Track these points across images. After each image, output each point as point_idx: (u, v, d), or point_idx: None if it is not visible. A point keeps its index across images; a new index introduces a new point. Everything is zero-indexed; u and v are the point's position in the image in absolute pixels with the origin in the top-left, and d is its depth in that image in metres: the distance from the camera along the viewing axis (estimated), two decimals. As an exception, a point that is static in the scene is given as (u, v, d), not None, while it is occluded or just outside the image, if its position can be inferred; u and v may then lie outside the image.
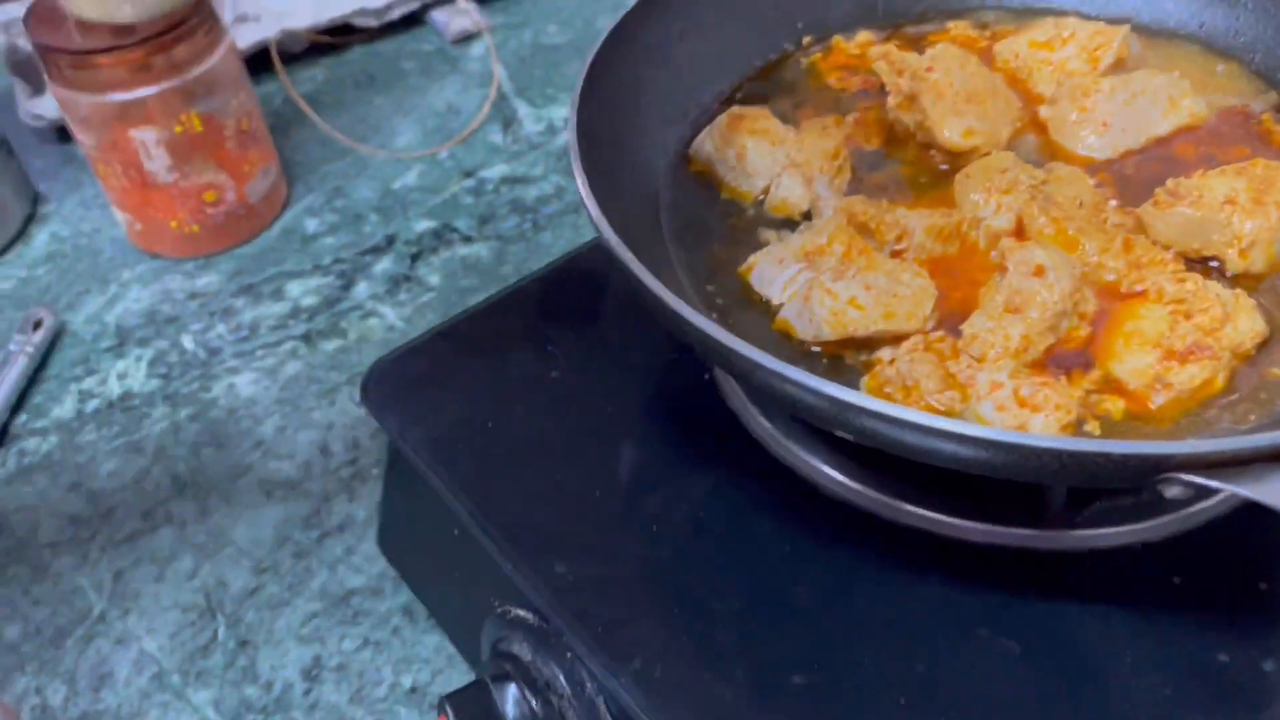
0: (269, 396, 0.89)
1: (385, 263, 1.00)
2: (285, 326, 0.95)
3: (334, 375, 0.91)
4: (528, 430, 0.65)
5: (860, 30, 0.77)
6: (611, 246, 0.52)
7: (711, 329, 0.48)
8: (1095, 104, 0.66)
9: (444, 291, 0.97)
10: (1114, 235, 0.59)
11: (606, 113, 0.64)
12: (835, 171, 0.65)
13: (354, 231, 1.03)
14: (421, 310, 0.96)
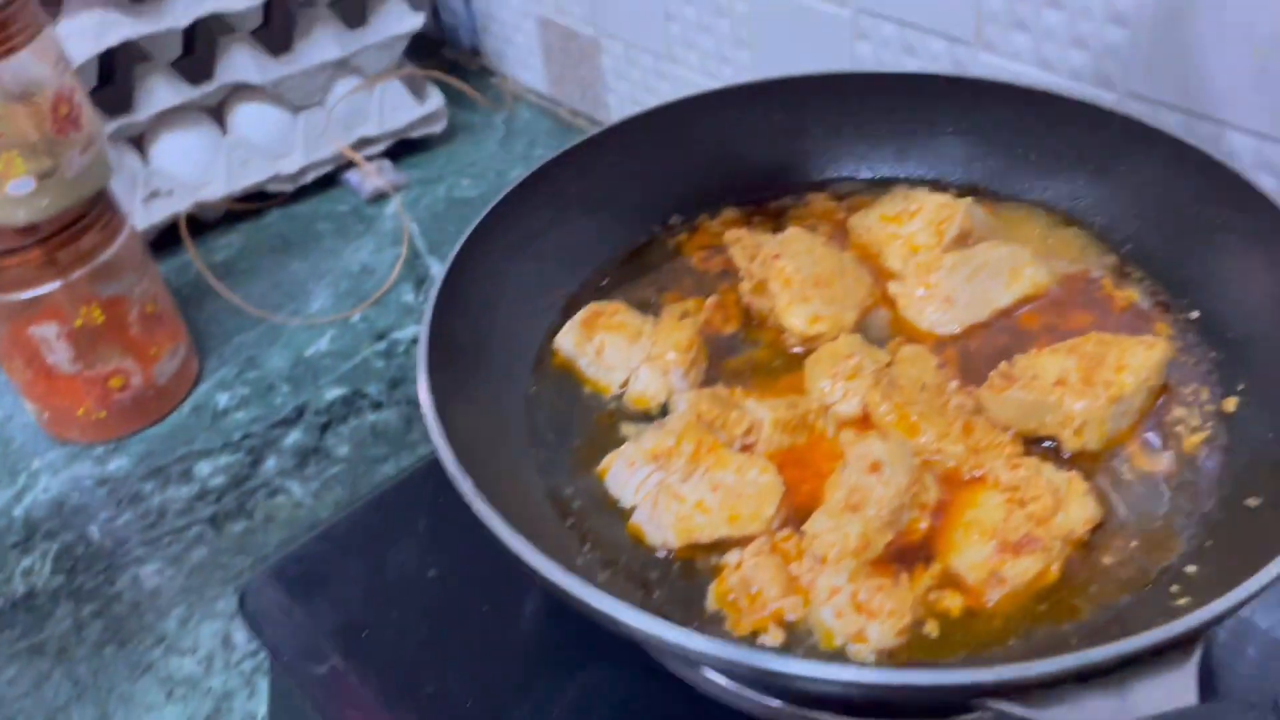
0: (174, 586, 0.89)
1: (295, 435, 1.01)
2: (192, 510, 0.95)
3: (239, 560, 0.91)
4: (404, 636, 0.65)
5: (726, 207, 0.80)
6: (451, 475, 0.53)
7: (538, 561, 0.49)
8: (939, 280, 0.68)
9: (352, 462, 0.98)
10: (954, 419, 0.61)
11: (469, 312, 0.66)
12: (690, 363, 0.66)
13: (265, 404, 1.04)
14: (329, 484, 0.97)
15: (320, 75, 1.21)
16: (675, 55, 1.15)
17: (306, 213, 1.28)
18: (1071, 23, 0.80)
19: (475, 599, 0.66)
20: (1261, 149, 0.75)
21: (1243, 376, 0.62)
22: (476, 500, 0.51)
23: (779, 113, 0.80)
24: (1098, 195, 0.73)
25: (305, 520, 0.94)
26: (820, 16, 0.97)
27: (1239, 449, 0.59)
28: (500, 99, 1.41)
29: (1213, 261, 0.67)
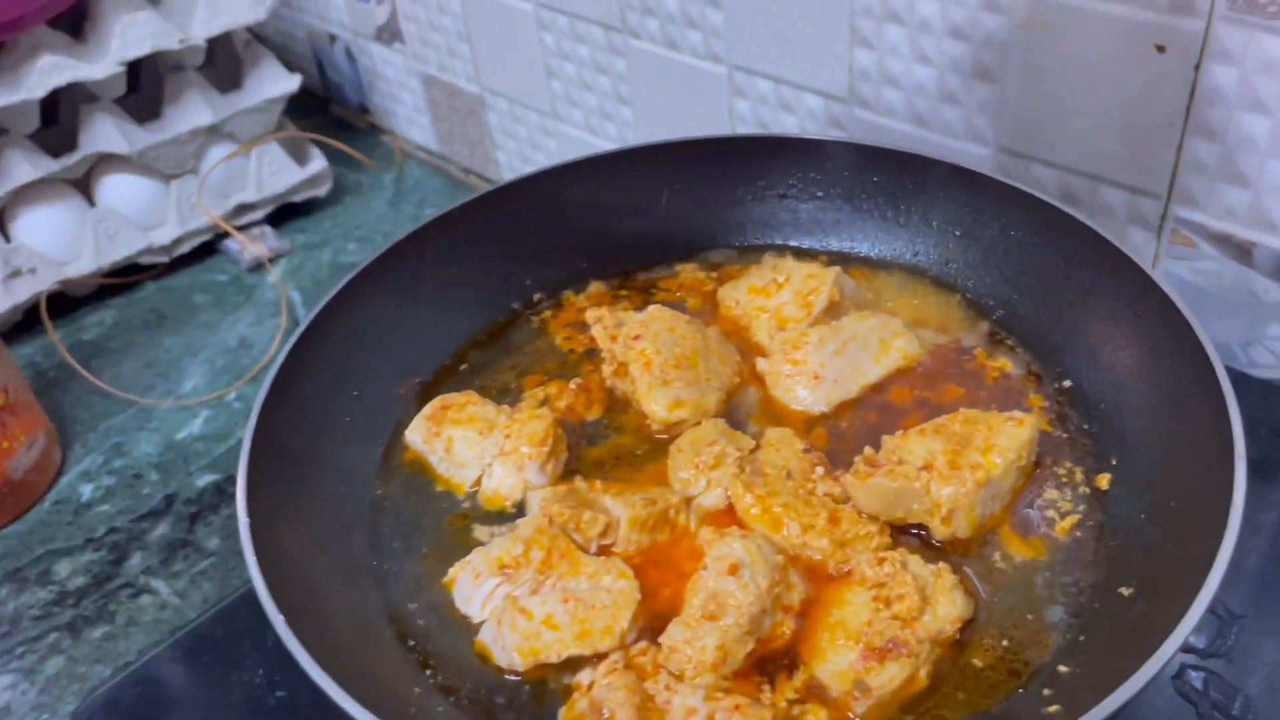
0: (25, 703, 0.83)
1: (162, 528, 0.95)
2: (49, 615, 0.89)
3: (98, 669, 0.85)
4: (246, 766, 0.60)
5: (592, 281, 0.76)
6: (265, 607, 0.49)
7: (354, 709, 0.44)
8: (807, 355, 0.66)
9: (223, 556, 0.93)
10: (820, 509, 0.58)
11: (305, 409, 0.62)
12: (546, 456, 0.62)
13: (131, 495, 0.98)
14: (196, 581, 0.91)
15: (192, 142, 1.16)
16: (559, 113, 1.12)
17: (183, 285, 1.22)
18: (941, 78, 0.78)
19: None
20: (1135, 203, 0.73)
21: (1115, 450, 0.60)
22: (290, 639, 0.47)
23: (645, 181, 0.77)
24: (968, 260, 0.71)
25: (171, 622, 0.88)
26: (698, 74, 0.94)
27: (1112, 532, 0.56)
28: (389, 158, 1.37)
29: (1083, 327, 0.64)
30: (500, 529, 0.61)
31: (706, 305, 0.73)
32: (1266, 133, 0.65)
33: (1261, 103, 0.64)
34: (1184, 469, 0.55)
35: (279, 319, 1.15)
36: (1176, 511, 0.54)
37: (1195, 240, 0.72)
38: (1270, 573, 0.62)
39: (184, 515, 0.97)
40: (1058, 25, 0.70)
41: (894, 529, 0.58)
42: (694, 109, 0.97)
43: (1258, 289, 0.71)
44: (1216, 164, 0.68)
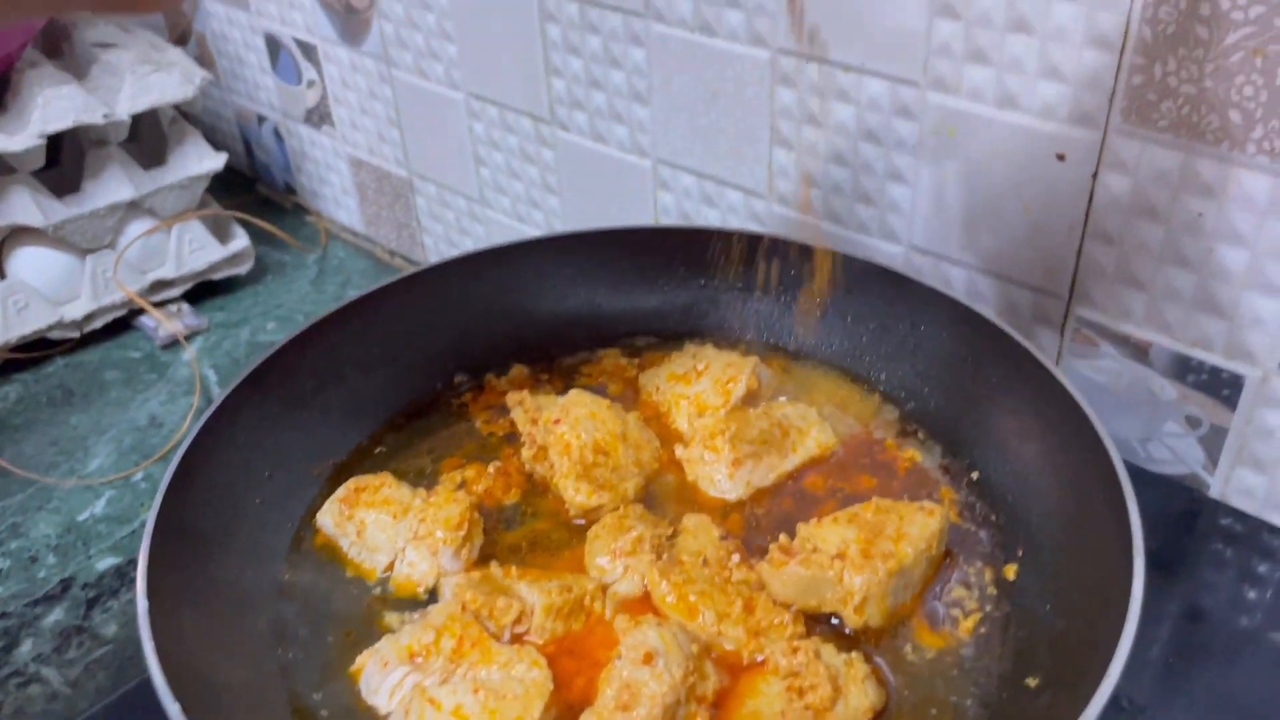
0: (-105, 805, 0.78)
1: (57, 613, 0.91)
2: (-72, 709, 0.84)
3: (-23, 767, 0.80)
4: None
5: (515, 364, 0.77)
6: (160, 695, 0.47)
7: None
8: (724, 443, 0.66)
9: (120, 644, 0.89)
10: (735, 598, 0.58)
11: (214, 489, 0.60)
12: (461, 541, 0.62)
13: (26, 578, 0.94)
14: (91, 670, 0.87)
15: (110, 217, 1.15)
16: (487, 199, 1.14)
17: (93, 361, 1.19)
18: (856, 179, 0.81)
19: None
20: (1039, 303, 0.76)
21: (1021, 541, 0.61)
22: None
23: (570, 268, 0.78)
24: (881, 353, 0.73)
25: (60, 714, 0.84)
26: (624, 166, 0.96)
27: (1019, 623, 0.57)
28: (314, 238, 1.37)
29: (991, 421, 0.66)
30: (411, 616, 0.60)
31: (627, 391, 0.74)
32: (1159, 240, 0.68)
33: (1154, 211, 0.68)
34: (1086, 561, 0.56)
35: (192, 398, 1.12)
36: (1080, 603, 0.55)
37: (1096, 339, 0.75)
38: (1174, 664, 0.64)
39: (81, 600, 0.93)
40: (965, 132, 0.74)
41: (808, 618, 0.58)
42: (619, 200, 0.99)
43: (1155, 387, 0.74)
44: (1114, 268, 0.71)
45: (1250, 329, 0.67)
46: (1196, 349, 0.71)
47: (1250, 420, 0.70)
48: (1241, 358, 0.69)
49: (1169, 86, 0.64)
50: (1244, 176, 0.63)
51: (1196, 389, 0.72)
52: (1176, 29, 0.62)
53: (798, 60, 0.79)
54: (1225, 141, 0.63)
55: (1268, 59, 0.59)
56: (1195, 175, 0.65)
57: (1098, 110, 0.67)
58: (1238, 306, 0.67)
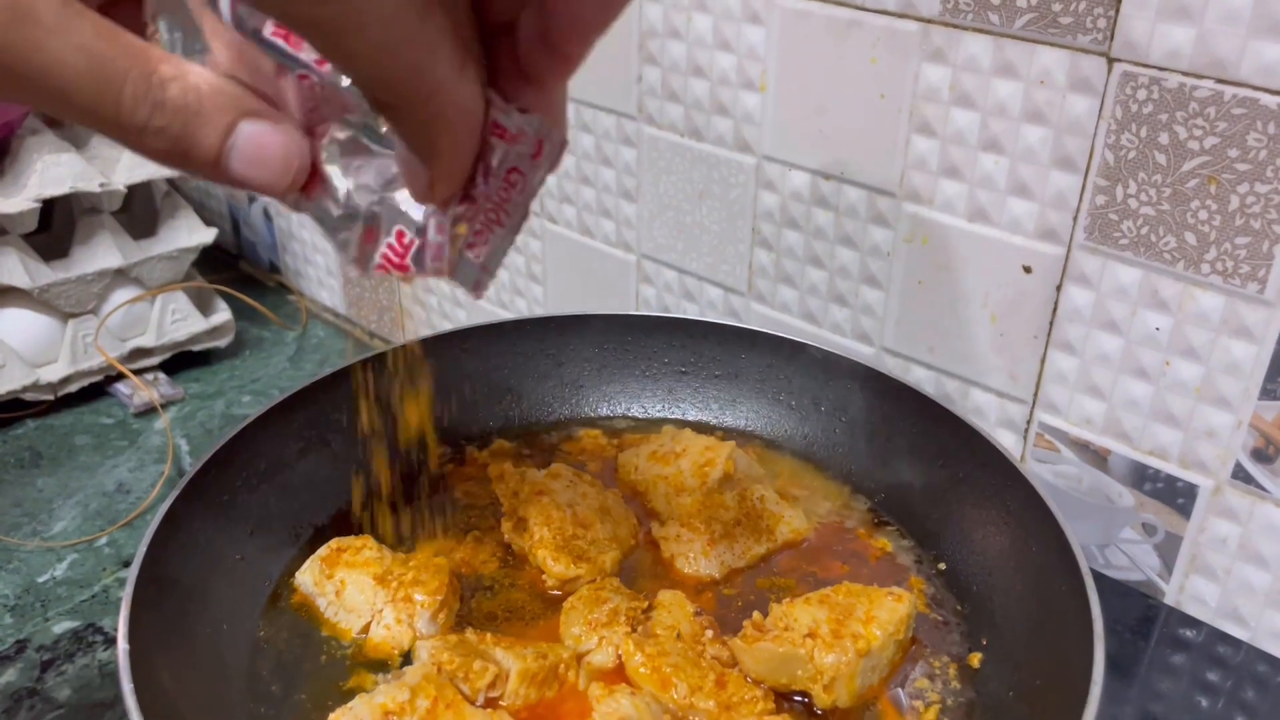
0: None
1: (9, 675, 0.89)
2: None
3: (-86, 830, 0.78)
4: None
5: (496, 439, 0.78)
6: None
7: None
8: (700, 524, 0.68)
9: (73, 709, 0.87)
10: (708, 672, 0.59)
11: (194, 545, 0.61)
12: (439, 606, 0.62)
13: (-21, 638, 0.92)
14: (40, 733, 0.85)
15: (97, 283, 1.16)
16: (471, 285, 1.16)
17: (65, 424, 1.19)
18: (831, 281, 0.84)
19: None
20: (1003, 407, 0.79)
21: (986, 631, 0.63)
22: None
23: (554, 349, 0.80)
24: (853, 445, 0.76)
25: (3, 779, 0.82)
26: (608, 259, 1.00)
27: (982, 709, 0.59)
28: (295, 317, 1.39)
29: (958, 514, 0.69)
30: (385, 678, 0.60)
31: (606, 470, 0.75)
32: (1119, 351, 0.72)
33: (1115, 324, 0.72)
34: (1049, 651, 0.58)
35: (162, 466, 1.12)
36: (1041, 690, 0.57)
37: (1057, 445, 0.78)
38: (1128, 765, 0.65)
39: (35, 663, 0.91)
40: (936, 241, 0.78)
41: (778, 695, 0.59)
42: (602, 291, 1.02)
43: (1112, 494, 0.77)
44: (1076, 376, 0.75)
45: (1203, 440, 0.71)
46: (1153, 458, 0.74)
47: (1204, 529, 0.73)
48: (1195, 467, 0.72)
49: (1130, 208, 0.68)
50: (1199, 294, 0.68)
51: (1153, 496, 0.75)
52: (1137, 155, 0.67)
53: (781, 167, 0.84)
54: (1182, 261, 0.67)
55: (1221, 186, 0.64)
56: (1154, 291, 0.69)
57: (1063, 227, 0.72)
58: (1192, 418, 0.71)
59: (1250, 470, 0.70)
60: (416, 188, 0.39)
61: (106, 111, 0.35)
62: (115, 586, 0.98)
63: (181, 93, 0.36)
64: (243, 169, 0.38)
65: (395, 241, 0.41)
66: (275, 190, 0.39)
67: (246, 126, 0.37)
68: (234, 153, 0.37)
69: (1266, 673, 0.71)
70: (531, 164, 0.40)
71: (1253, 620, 0.73)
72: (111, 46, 0.35)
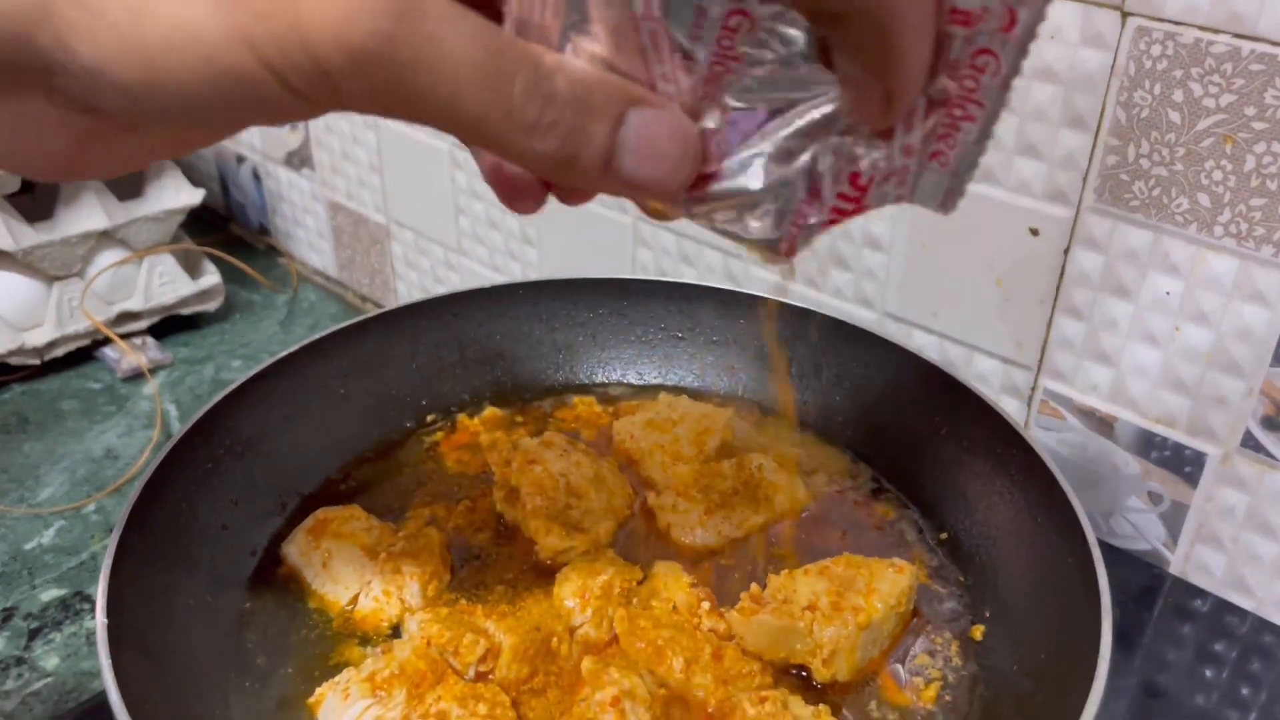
0: None
1: (-5, 643, 0.88)
2: None
3: (-102, 800, 0.77)
4: None
5: (487, 406, 0.76)
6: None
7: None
8: (697, 494, 0.66)
9: (61, 677, 0.86)
10: (704, 645, 0.57)
11: (177, 514, 0.59)
12: (429, 577, 0.61)
13: (-35, 606, 0.91)
14: (28, 702, 0.84)
15: (82, 245, 1.14)
16: (465, 248, 1.14)
17: (52, 389, 1.17)
18: (833, 243, 0.82)
19: None
20: (1008, 373, 0.78)
21: (989, 603, 0.62)
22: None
23: (547, 313, 0.78)
24: (854, 412, 0.74)
25: (-10, 748, 0.81)
26: (604, 221, 0.98)
27: (985, 683, 0.57)
28: (285, 280, 1.36)
29: (960, 484, 0.67)
30: (374, 650, 0.58)
31: (600, 438, 0.74)
32: (1127, 316, 0.70)
33: (1124, 288, 0.70)
34: (1054, 623, 0.57)
35: (151, 431, 1.10)
36: (1046, 665, 0.55)
37: (1062, 412, 0.76)
38: (1131, 737, 0.64)
39: (22, 631, 0.90)
40: (943, 203, 0.75)
41: (776, 669, 0.58)
42: (598, 255, 1.00)
43: (1118, 462, 0.75)
44: (1083, 342, 0.73)
45: (1213, 407, 0.69)
46: (1160, 425, 0.72)
47: (1211, 498, 0.72)
48: (1204, 435, 0.70)
49: (1141, 168, 0.66)
50: (1211, 258, 0.66)
51: (1159, 465, 0.73)
52: (1151, 113, 0.65)
53: (783, 126, 0.81)
54: (1194, 223, 0.65)
55: (1237, 145, 0.62)
56: (1165, 255, 0.67)
57: (1072, 188, 0.70)
58: (1202, 385, 0.69)
59: (1260, 438, 0.68)
60: (871, 111, 0.35)
61: (497, 111, 0.31)
62: (103, 554, 0.96)
63: (569, 84, 0.32)
64: (635, 165, 0.33)
65: (848, 186, 0.38)
66: (670, 186, 0.34)
67: (635, 116, 0.33)
68: (625, 147, 0.33)
69: (1273, 643, 0.70)
70: (1003, 39, 0.34)
71: (1259, 590, 0.72)
72: (498, 36, 0.31)
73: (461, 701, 0.53)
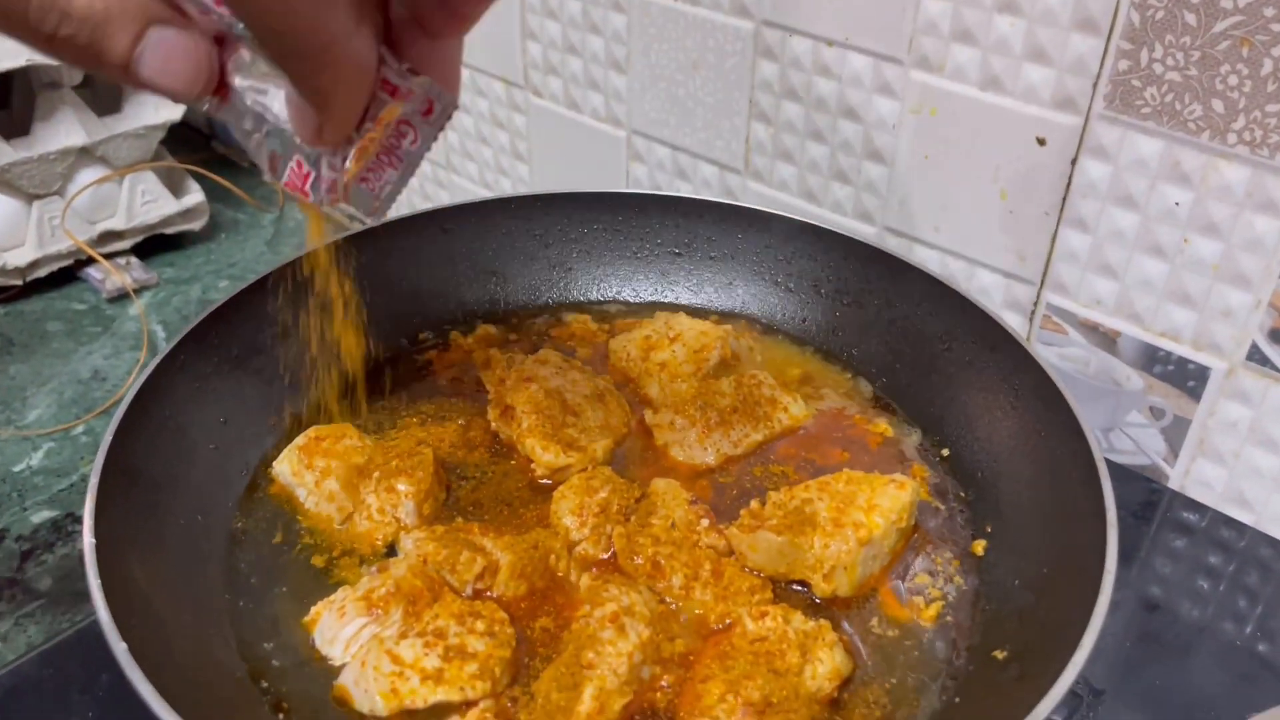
0: None
1: (-13, 565, 0.87)
2: None
3: (-104, 718, 0.77)
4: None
5: (480, 324, 0.75)
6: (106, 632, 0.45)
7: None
8: (695, 411, 0.65)
9: (54, 599, 0.85)
10: (704, 561, 0.57)
11: (164, 434, 0.58)
12: (424, 495, 0.60)
13: (-45, 529, 0.90)
14: (22, 623, 0.83)
15: (61, 162, 1.11)
16: (454, 164, 1.12)
17: (36, 310, 1.15)
18: (833, 156, 0.80)
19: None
20: (1010, 288, 0.76)
21: (990, 518, 0.61)
22: (133, 671, 0.43)
23: (540, 229, 0.76)
24: (854, 328, 0.73)
25: (-13, 667, 0.81)
26: (597, 135, 0.95)
27: (987, 597, 0.57)
28: (271, 198, 1.33)
29: (962, 399, 0.66)
30: (369, 569, 0.58)
31: (596, 356, 0.72)
32: (1134, 227, 0.69)
33: (1132, 198, 0.68)
34: (1057, 537, 0.56)
35: (138, 353, 1.09)
36: (1049, 579, 0.55)
37: (1065, 327, 0.75)
38: (1129, 650, 0.64)
39: (14, 553, 0.89)
40: (945, 112, 0.73)
41: (776, 584, 0.57)
42: (591, 170, 0.97)
43: (1120, 377, 0.74)
44: (1088, 255, 0.72)
45: (1220, 321, 0.68)
46: (1165, 339, 0.71)
47: (1214, 412, 0.71)
48: (1209, 349, 0.69)
49: (1154, 73, 0.64)
50: (1223, 166, 0.64)
51: (1162, 380, 0.72)
52: (1165, 15, 0.62)
53: (781, 32, 0.79)
54: (1207, 131, 0.63)
55: (1254, 49, 0.60)
56: (1175, 163, 0.65)
57: (1081, 95, 0.67)
58: (1209, 298, 0.68)
59: (1266, 351, 0.67)
60: (305, 130, 0.42)
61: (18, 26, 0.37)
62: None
63: (88, 3, 0.37)
64: (152, 75, 0.39)
65: (295, 168, 0.44)
66: (183, 97, 0.40)
67: (155, 33, 0.38)
68: (143, 59, 0.38)
69: (1270, 556, 0.70)
70: (423, 120, 0.44)
71: (1259, 504, 0.72)
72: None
73: (460, 619, 0.53)
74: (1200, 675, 0.63)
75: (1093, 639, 0.47)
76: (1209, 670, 0.63)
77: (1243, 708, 0.58)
